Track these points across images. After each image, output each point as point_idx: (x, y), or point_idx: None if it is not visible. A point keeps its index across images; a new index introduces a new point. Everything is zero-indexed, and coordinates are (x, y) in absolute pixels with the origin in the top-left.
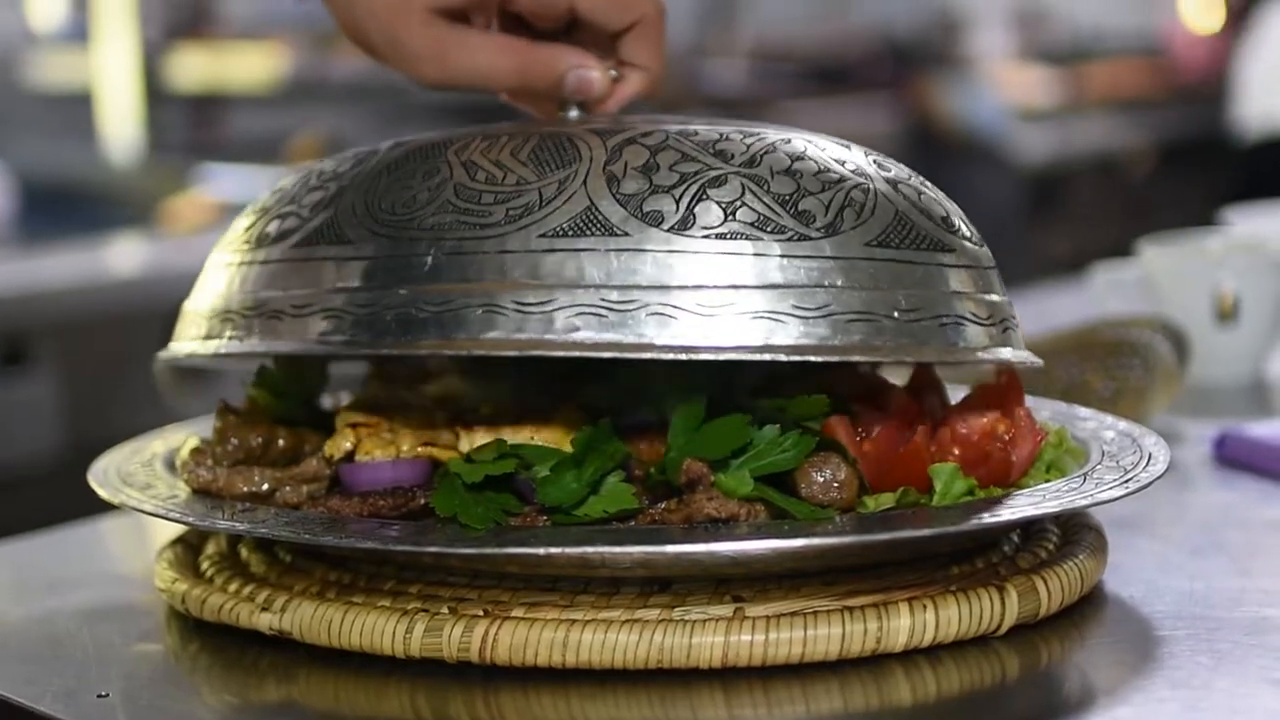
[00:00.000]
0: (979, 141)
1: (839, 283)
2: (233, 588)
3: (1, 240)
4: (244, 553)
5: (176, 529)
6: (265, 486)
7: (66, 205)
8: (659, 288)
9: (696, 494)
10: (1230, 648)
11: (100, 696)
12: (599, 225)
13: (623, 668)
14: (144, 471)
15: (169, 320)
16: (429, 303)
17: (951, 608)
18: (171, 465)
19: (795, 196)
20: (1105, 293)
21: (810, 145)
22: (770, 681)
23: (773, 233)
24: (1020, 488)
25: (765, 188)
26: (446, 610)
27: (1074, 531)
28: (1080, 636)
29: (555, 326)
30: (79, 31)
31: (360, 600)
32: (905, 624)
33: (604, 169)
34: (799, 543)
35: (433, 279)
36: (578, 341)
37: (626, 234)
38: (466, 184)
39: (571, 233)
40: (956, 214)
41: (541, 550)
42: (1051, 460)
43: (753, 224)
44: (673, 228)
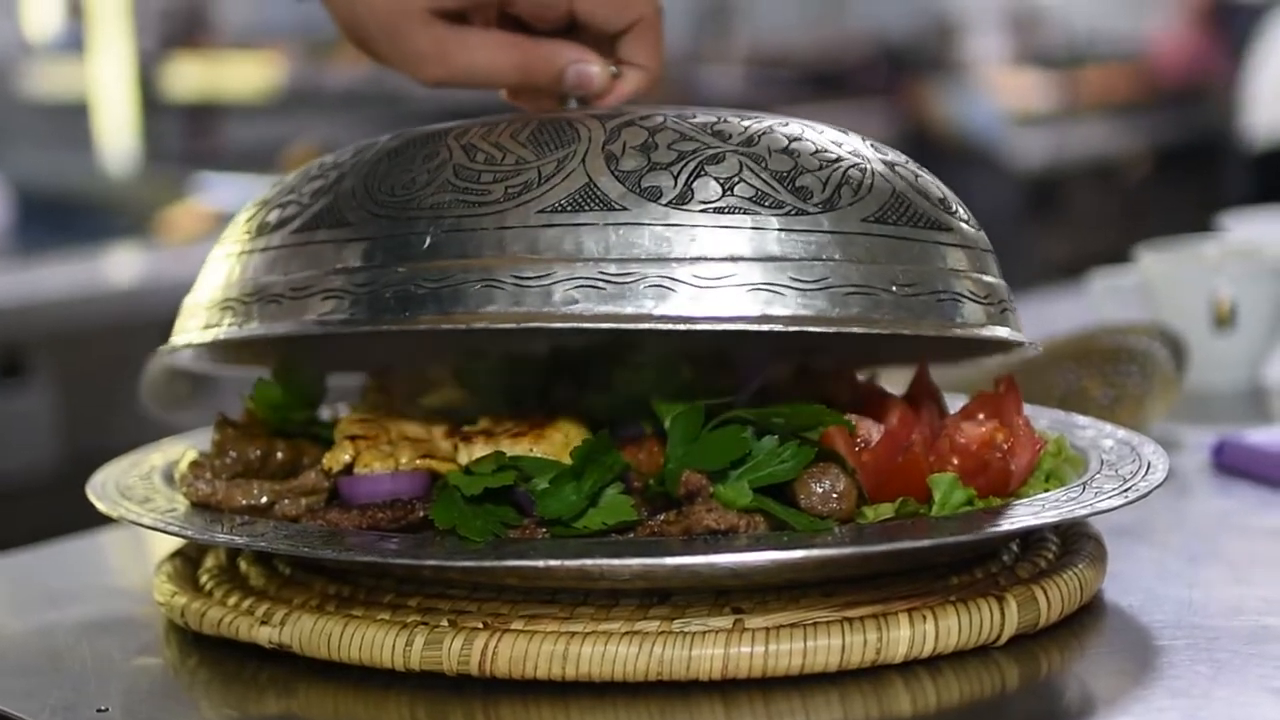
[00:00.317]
0: (975, 146)
1: (836, 256)
2: (232, 601)
3: None
4: (243, 565)
5: (175, 542)
6: (264, 499)
7: (63, 215)
8: (657, 260)
9: (695, 505)
10: (1229, 657)
11: (100, 711)
12: (597, 200)
13: (622, 680)
14: (142, 485)
15: (166, 330)
16: (428, 279)
17: (951, 618)
18: (170, 478)
19: (793, 173)
20: (1103, 299)
21: (807, 129)
22: (770, 693)
23: (770, 207)
24: (1019, 497)
25: (763, 165)
26: (446, 623)
27: (1073, 540)
28: (1080, 646)
29: (553, 299)
30: (75, 41)
31: (360, 613)
32: (905, 635)
33: (602, 148)
34: (798, 554)
35: (431, 256)
36: (576, 313)
37: (625, 208)
38: (465, 165)
39: (570, 208)
40: (954, 199)
41: (541, 563)
42: (1050, 469)
43: (750, 199)
44: (670, 202)
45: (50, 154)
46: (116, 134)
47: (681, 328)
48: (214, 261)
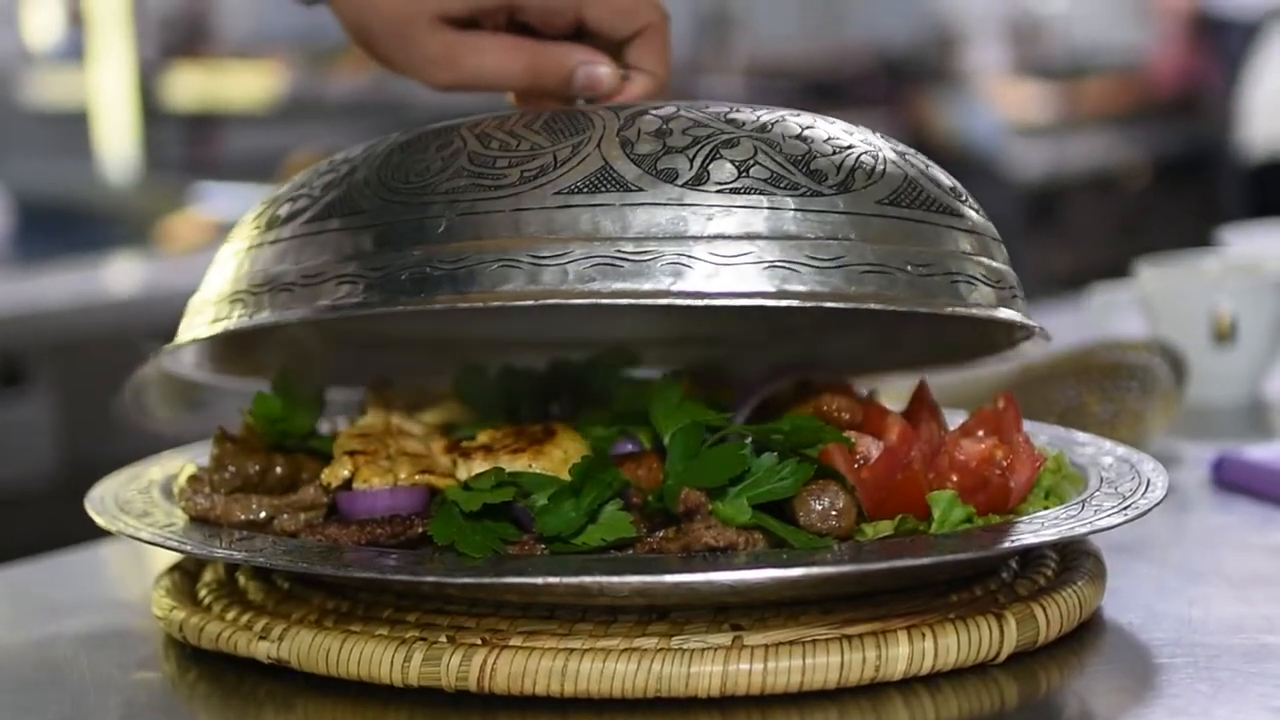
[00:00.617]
0: (975, 157)
1: (852, 236)
2: (230, 616)
3: None
4: (242, 580)
5: (174, 555)
6: (263, 514)
7: (63, 224)
8: (674, 238)
9: (695, 523)
10: (1229, 675)
11: None
12: (613, 182)
13: (621, 697)
14: (141, 499)
15: (167, 340)
16: (444, 261)
17: (950, 636)
18: (169, 492)
19: (807, 158)
20: (1102, 314)
21: (819, 119)
22: (769, 710)
23: (786, 189)
24: (1019, 514)
25: (777, 149)
26: (444, 639)
27: (1072, 557)
28: (1079, 664)
29: (570, 277)
30: (75, 50)
31: (358, 629)
32: (904, 652)
33: (617, 134)
34: (797, 572)
35: (447, 239)
36: (593, 290)
37: (641, 189)
38: (480, 151)
39: (586, 190)
40: (963, 189)
41: (539, 579)
42: (1050, 486)
43: (766, 180)
44: (687, 183)
45: (50, 163)
46: (117, 143)
47: (699, 303)
48: (221, 260)
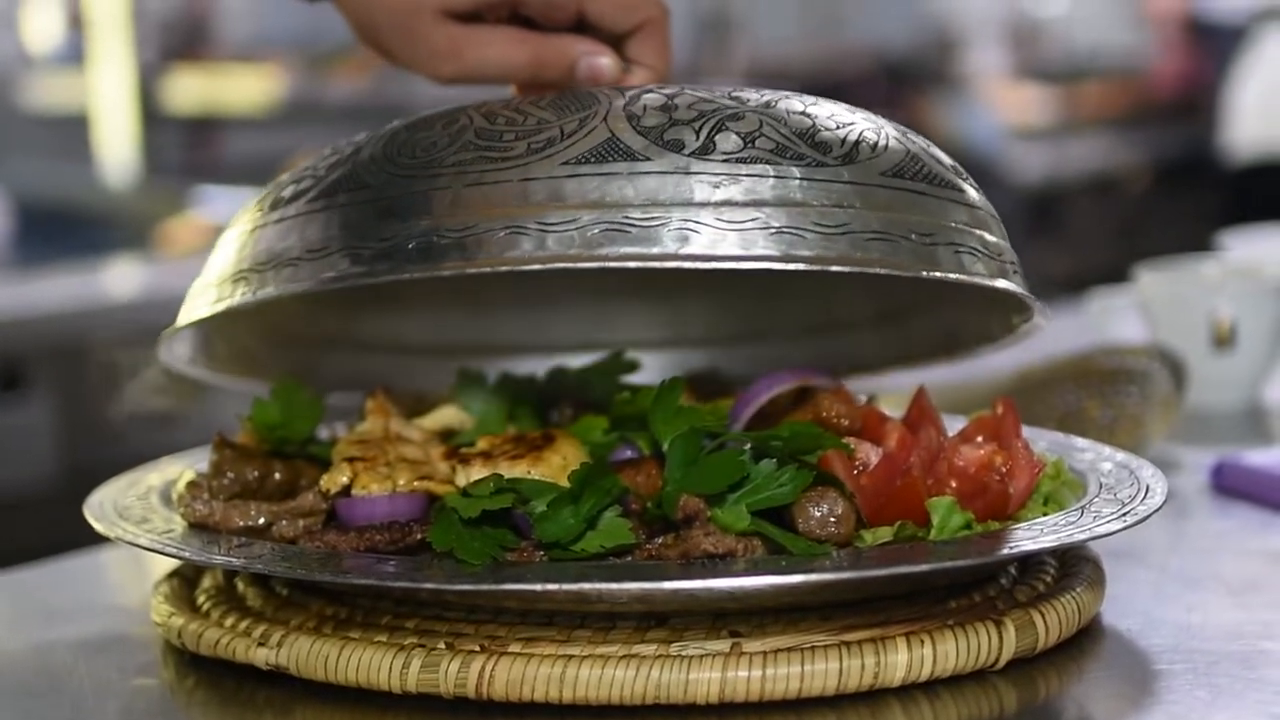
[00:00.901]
0: (974, 160)
1: (857, 204)
2: (229, 622)
3: None
4: (240, 586)
5: (173, 561)
6: (261, 520)
7: (63, 228)
8: (682, 204)
9: (694, 529)
10: (1228, 682)
11: None
12: (621, 152)
13: (620, 703)
14: (140, 505)
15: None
16: (451, 230)
17: (949, 642)
18: (168, 498)
19: (811, 130)
20: (1102, 319)
21: (821, 99)
22: (767, 717)
23: (791, 159)
24: (1018, 520)
25: (782, 123)
26: (443, 646)
27: (1071, 563)
28: (1078, 670)
29: (578, 243)
30: (75, 54)
31: (357, 635)
32: (903, 659)
33: (624, 109)
34: (796, 579)
35: (455, 209)
36: (602, 255)
37: (648, 159)
38: (487, 127)
39: (594, 160)
40: (964, 170)
41: (538, 586)
42: (1049, 492)
43: (772, 151)
44: (693, 153)
45: (50, 166)
46: (116, 146)
47: (707, 266)
48: (223, 243)
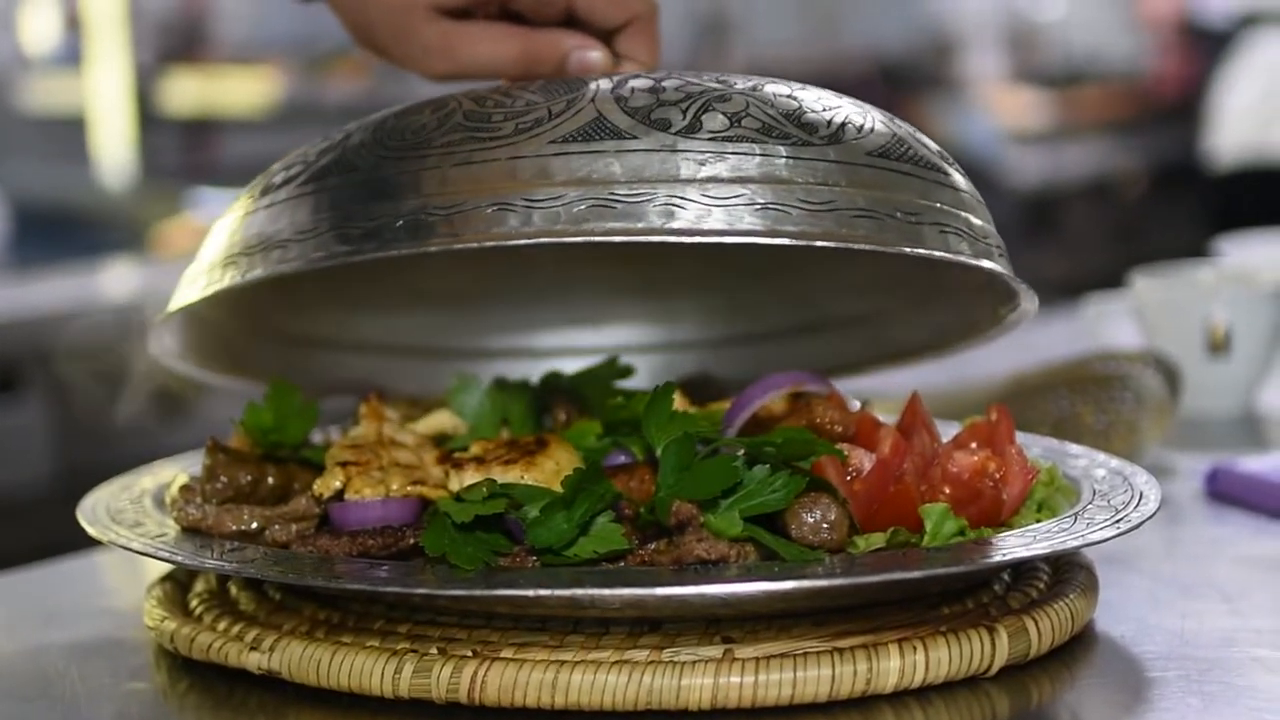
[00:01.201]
0: (971, 164)
1: (842, 183)
2: (222, 626)
3: None
4: (233, 590)
5: (166, 565)
6: (254, 525)
7: (59, 230)
8: (667, 181)
9: (686, 535)
10: (1220, 689)
11: None
12: (608, 131)
13: (612, 709)
14: (133, 509)
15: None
16: (438, 209)
17: (942, 649)
18: (161, 502)
19: (798, 112)
20: (1097, 324)
21: (808, 86)
22: None
23: (778, 138)
24: (1011, 527)
25: (769, 104)
26: (435, 651)
27: (1065, 570)
28: (1071, 677)
29: (564, 219)
30: (72, 55)
31: (349, 640)
32: (895, 665)
33: (611, 92)
34: (789, 585)
35: (443, 188)
36: (587, 230)
37: (635, 137)
38: (476, 110)
39: (581, 138)
40: (950, 155)
41: (531, 591)
42: (1042, 499)
43: (758, 130)
44: (680, 131)
45: (47, 168)
46: (113, 148)
47: (692, 240)
48: (216, 230)
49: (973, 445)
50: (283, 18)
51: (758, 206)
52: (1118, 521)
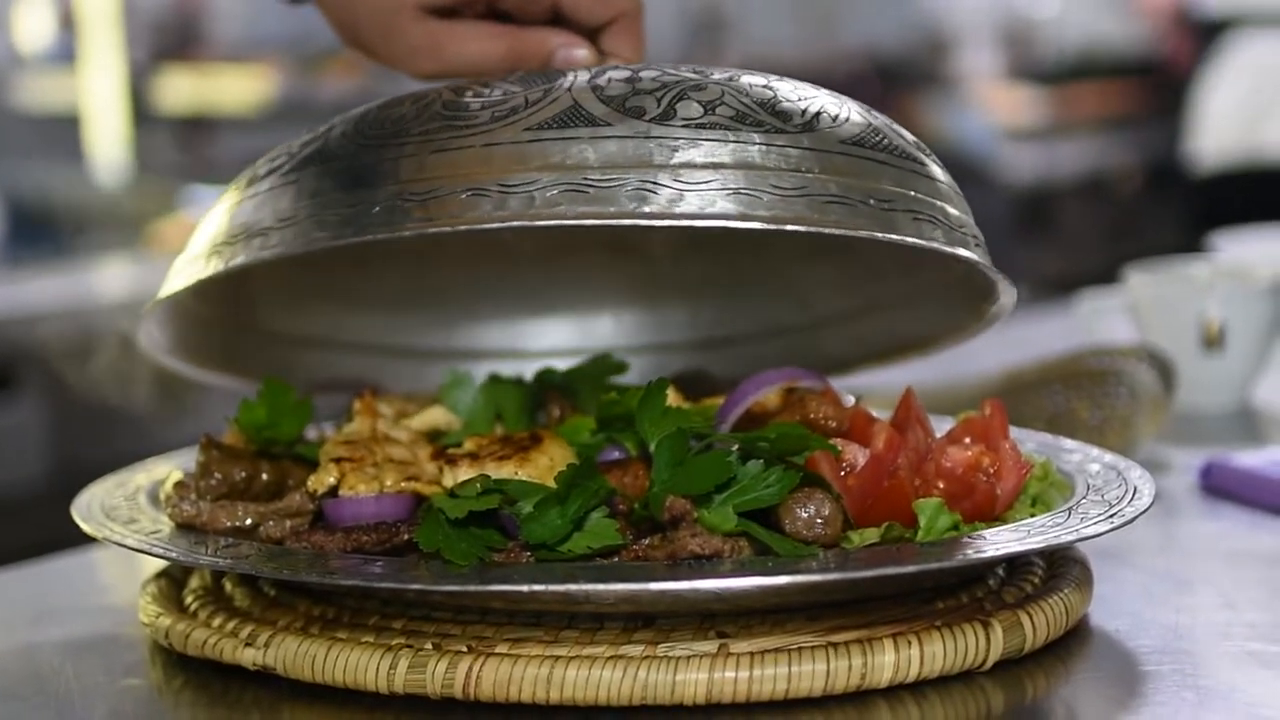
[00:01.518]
0: (965, 161)
1: (816, 170)
2: (216, 623)
3: None
4: (228, 586)
5: (161, 561)
6: (248, 521)
7: (54, 228)
8: (640, 166)
9: (680, 530)
10: (1215, 683)
11: None
12: (583, 119)
13: (607, 704)
14: (127, 505)
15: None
16: (415, 194)
17: (936, 643)
18: (155, 499)
19: (773, 101)
20: (1091, 320)
21: (786, 78)
22: (755, 718)
23: (751, 125)
24: (1005, 522)
25: (744, 94)
26: (430, 646)
27: (1059, 564)
28: (1065, 671)
29: (537, 203)
30: (66, 53)
31: (344, 636)
32: (890, 660)
33: (589, 82)
34: (783, 579)
35: (420, 174)
36: (559, 214)
37: (609, 124)
38: (454, 100)
39: (556, 125)
40: (928, 148)
41: (525, 587)
42: (1037, 494)
43: (732, 118)
44: (654, 119)
45: (41, 166)
46: (108, 146)
47: (663, 223)
48: (203, 223)
49: (967, 440)
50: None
51: (729, 191)
52: (1112, 516)
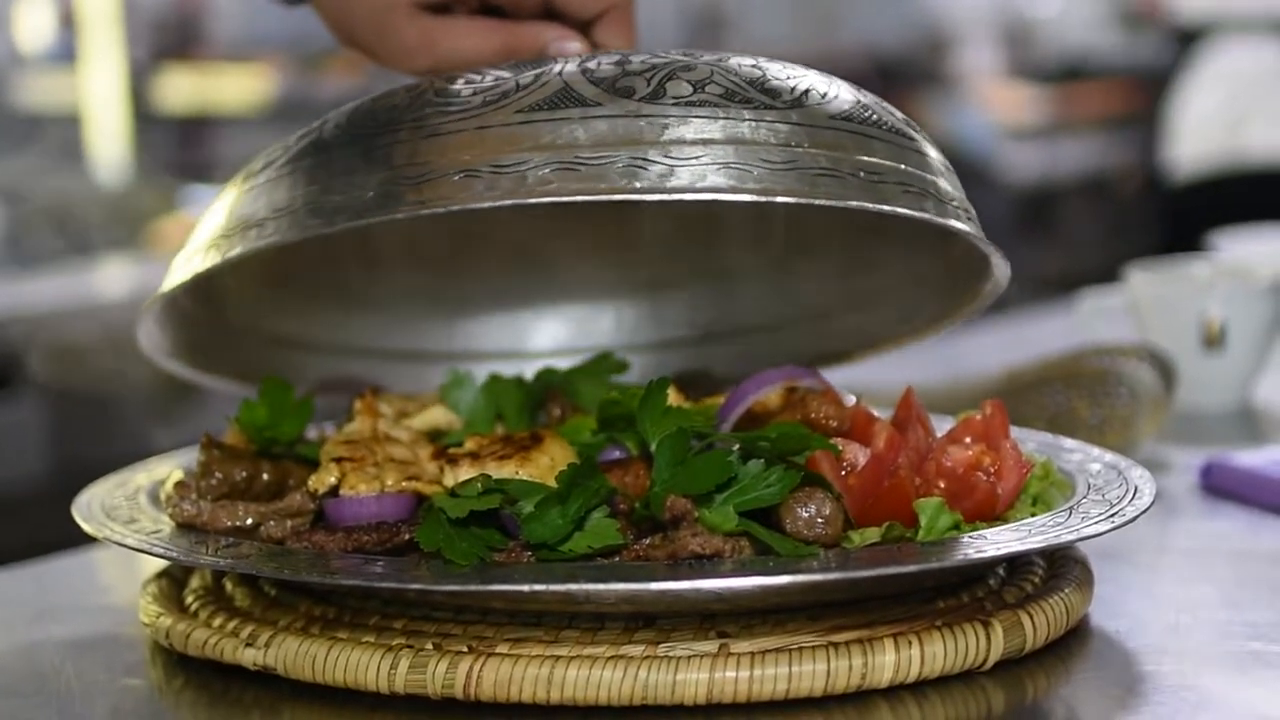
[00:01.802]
0: (966, 160)
1: (805, 144)
2: (217, 623)
3: None
4: (228, 586)
5: (162, 561)
6: (249, 521)
7: (54, 227)
8: (630, 143)
9: (681, 530)
10: (1216, 683)
11: None
12: (573, 100)
13: (607, 704)
14: (128, 505)
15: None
16: (408, 178)
17: (937, 643)
18: (156, 499)
19: (762, 79)
20: (1092, 319)
21: (775, 59)
22: (755, 718)
23: (740, 102)
24: (1006, 521)
25: (733, 73)
26: (431, 646)
27: (1060, 564)
28: (1066, 671)
29: (529, 182)
30: (67, 52)
31: (344, 636)
32: (890, 660)
33: (579, 65)
34: (783, 579)
35: (413, 159)
36: (551, 191)
37: (600, 104)
38: (446, 87)
39: (547, 107)
40: (919, 125)
41: (526, 587)
42: (1037, 493)
43: (721, 96)
44: (644, 98)
45: (42, 165)
46: (108, 145)
47: (654, 198)
48: (203, 219)
49: (967, 440)
50: (276, 16)
51: (720, 165)
52: (1112, 516)
